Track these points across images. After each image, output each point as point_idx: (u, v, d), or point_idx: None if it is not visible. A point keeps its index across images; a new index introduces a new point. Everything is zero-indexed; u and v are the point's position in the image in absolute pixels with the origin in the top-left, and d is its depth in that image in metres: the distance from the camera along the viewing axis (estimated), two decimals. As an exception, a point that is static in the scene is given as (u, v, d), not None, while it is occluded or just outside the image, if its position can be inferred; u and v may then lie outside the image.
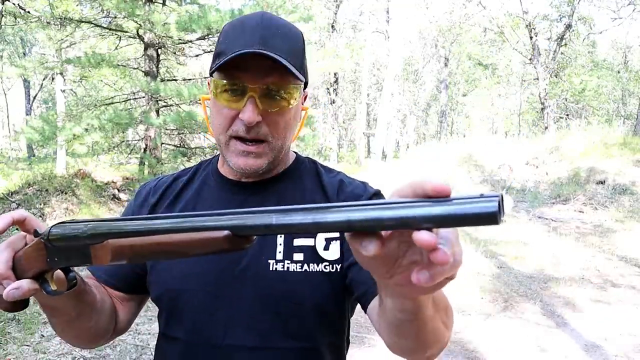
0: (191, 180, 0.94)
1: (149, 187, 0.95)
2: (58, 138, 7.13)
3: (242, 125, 0.79)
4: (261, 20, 0.79)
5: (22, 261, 0.67)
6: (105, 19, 8.94)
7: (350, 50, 20.96)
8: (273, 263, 0.81)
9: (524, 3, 18.32)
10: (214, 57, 0.83)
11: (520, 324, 4.22)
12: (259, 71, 0.78)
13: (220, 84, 0.80)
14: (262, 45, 0.76)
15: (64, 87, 12.42)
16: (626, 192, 9.22)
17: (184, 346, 0.84)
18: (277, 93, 0.79)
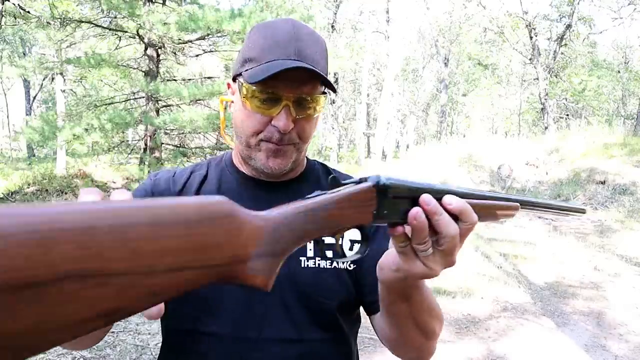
0: (206, 175, 0.95)
1: (167, 176, 0.95)
2: (58, 138, 7.13)
3: (276, 132, 0.82)
4: (292, 29, 0.82)
5: (341, 207, 0.54)
6: (105, 19, 8.94)
7: (350, 50, 20.93)
8: (304, 260, 0.87)
9: (524, 3, 18.33)
10: (243, 62, 0.84)
11: (520, 324, 4.22)
12: (294, 81, 0.80)
13: (252, 90, 0.82)
14: (298, 57, 0.80)
15: (64, 87, 12.42)
16: (626, 192, 9.22)
17: (219, 341, 0.84)
18: (308, 102, 0.83)
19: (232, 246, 0.41)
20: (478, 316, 4.39)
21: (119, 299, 0.34)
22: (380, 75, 24.70)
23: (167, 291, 0.37)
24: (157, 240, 0.35)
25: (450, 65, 25.51)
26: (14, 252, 0.28)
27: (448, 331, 4.05)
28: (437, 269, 0.60)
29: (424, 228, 0.56)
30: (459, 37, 22.90)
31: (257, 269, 0.44)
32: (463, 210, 0.58)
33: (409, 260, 0.60)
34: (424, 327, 0.77)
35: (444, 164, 12.15)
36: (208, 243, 0.39)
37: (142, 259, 0.34)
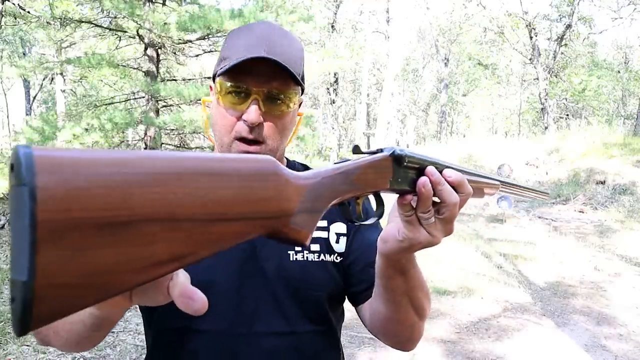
0: None
1: None
2: (58, 138, 7.12)
3: (245, 126, 0.83)
4: (266, 29, 0.85)
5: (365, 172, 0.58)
6: (105, 19, 8.94)
7: (350, 50, 20.93)
8: (293, 254, 0.89)
9: (524, 3, 18.33)
10: (219, 61, 0.87)
11: (520, 324, 4.22)
12: (263, 75, 0.82)
13: (225, 86, 0.84)
14: (268, 52, 0.81)
15: (64, 87, 12.42)
16: (626, 192, 9.22)
17: (210, 338, 0.85)
18: (279, 97, 0.84)
19: (280, 201, 0.45)
20: (478, 316, 4.39)
21: (189, 244, 0.37)
22: (380, 75, 24.70)
23: (228, 239, 0.40)
24: (218, 190, 0.39)
25: (450, 65, 25.51)
26: (98, 193, 0.30)
27: (448, 331, 4.05)
28: (439, 236, 0.66)
29: (429, 196, 0.62)
30: (459, 37, 22.91)
31: (300, 224, 0.48)
32: (461, 181, 0.64)
33: (414, 228, 0.65)
34: (417, 304, 0.80)
35: (444, 164, 12.15)
36: (260, 196, 0.43)
37: (206, 207, 0.37)
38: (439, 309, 4.54)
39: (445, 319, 4.33)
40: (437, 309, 4.55)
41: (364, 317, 0.92)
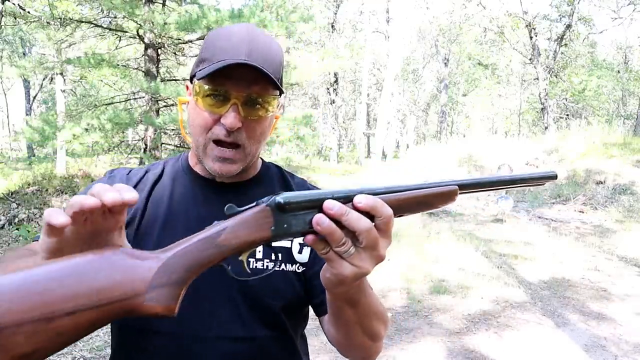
0: (161, 175, 0.97)
1: (122, 173, 0.97)
2: (58, 138, 7.12)
3: (223, 130, 0.84)
4: (247, 33, 0.84)
5: (234, 231, 0.60)
6: (105, 19, 8.94)
7: (350, 50, 20.94)
8: (253, 261, 0.89)
9: (524, 3, 18.33)
10: (198, 62, 0.87)
11: (520, 324, 4.22)
12: (243, 80, 0.82)
13: (203, 89, 0.84)
14: (248, 57, 0.81)
15: (64, 87, 12.41)
16: (626, 192, 9.22)
17: (170, 339, 0.85)
18: (258, 102, 0.85)
19: (128, 283, 0.50)
20: (478, 316, 4.39)
21: (30, 344, 0.42)
22: (380, 75, 24.69)
23: (72, 332, 0.46)
24: (53, 291, 0.45)
25: (450, 65, 25.51)
26: None
27: (447, 331, 4.06)
28: (366, 266, 0.63)
29: (332, 231, 0.60)
30: (459, 37, 22.90)
31: (158, 299, 0.52)
32: (372, 206, 0.62)
33: (336, 263, 0.62)
34: (370, 331, 0.80)
35: (444, 164, 12.15)
36: (106, 284, 0.48)
37: (41, 309, 0.44)
38: (438, 309, 4.54)
39: (445, 319, 4.33)
40: (436, 308, 4.55)
41: (323, 328, 0.92)
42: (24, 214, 6.96)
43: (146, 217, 0.90)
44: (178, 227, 0.89)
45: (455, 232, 7.65)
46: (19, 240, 6.01)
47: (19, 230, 6.13)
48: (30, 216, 6.97)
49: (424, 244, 6.75)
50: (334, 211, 0.60)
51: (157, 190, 0.94)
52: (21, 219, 6.84)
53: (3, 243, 6.07)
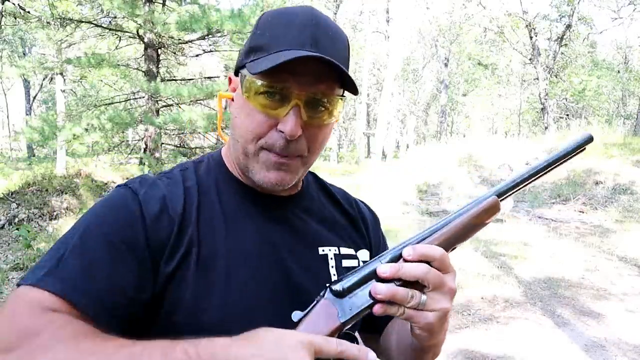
0: (200, 186, 0.76)
1: (157, 194, 0.72)
2: (58, 138, 7.13)
3: (281, 139, 0.69)
4: (312, 17, 0.70)
5: (309, 326, 0.62)
6: (105, 19, 8.95)
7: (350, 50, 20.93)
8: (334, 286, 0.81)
9: (524, 3, 18.33)
10: (249, 51, 0.72)
11: (520, 324, 4.22)
12: (307, 76, 0.68)
13: (257, 84, 0.68)
14: (314, 47, 0.67)
15: (64, 87, 12.42)
16: (626, 192, 9.22)
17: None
18: (323, 103, 0.70)
19: None
20: (477, 316, 4.39)
21: None
22: (380, 75, 24.69)
23: None
24: None
25: (450, 65, 25.51)
26: None
27: (447, 331, 4.06)
28: (444, 305, 0.63)
29: (394, 293, 0.61)
30: (459, 37, 22.90)
31: None
32: (422, 254, 0.63)
33: (418, 317, 0.63)
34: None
35: (444, 164, 12.15)
36: None
37: None
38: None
39: (445, 319, 4.33)
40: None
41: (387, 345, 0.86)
42: (24, 214, 6.96)
43: (204, 246, 0.70)
44: (245, 254, 0.72)
45: (455, 232, 7.65)
46: (19, 240, 6.01)
47: (19, 230, 6.14)
48: (30, 216, 6.97)
49: (423, 244, 6.75)
50: (388, 274, 0.61)
51: (204, 209, 0.73)
52: (21, 219, 6.85)
53: (3, 243, 6.07)
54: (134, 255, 0.66)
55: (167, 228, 0.69)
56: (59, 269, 0.62)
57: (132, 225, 0.67)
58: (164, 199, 0.71)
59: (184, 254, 0.68)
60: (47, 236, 6.16)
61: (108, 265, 0.64)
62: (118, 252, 0.65)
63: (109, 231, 0.66)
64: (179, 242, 0.69)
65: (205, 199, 0.75)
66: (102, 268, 0.63)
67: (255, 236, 0.74)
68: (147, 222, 0.68)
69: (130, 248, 0.66)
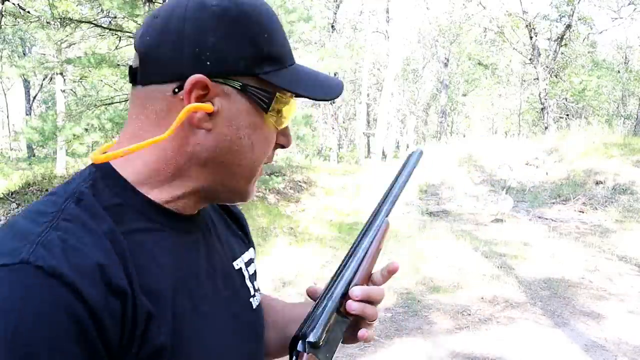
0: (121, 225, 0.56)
1: (91, 266, 0.49)
2: (58, 138, 7.13)
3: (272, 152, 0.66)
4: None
5: None
6: (105, 19, 8.95)
7: (350, 50, 20.94)
8: (253, 301, 0.74)
9: (524, 3, 18.34)
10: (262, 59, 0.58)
11: (520, 324, 4.22)
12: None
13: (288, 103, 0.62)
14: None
15: (64, 87, 12.42)
16: (626, 192, 9.23)
17: None
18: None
19: None
20: (477, 316, 4.39)
21: None
22: (380, 75, 24.69)
23: None
24: None
25: (450, 66, 25.51)
26: None
27: (447, 331, 4.06)
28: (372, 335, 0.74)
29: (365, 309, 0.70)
30: (459, 37, 22.91)
31: None
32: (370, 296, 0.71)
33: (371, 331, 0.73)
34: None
35: (444, 164, 12.15)
36: None
37: None
38: (438, 309, 4.54)
39: (445, 319, 4.33)
40: (436, 308, 4.55)
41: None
42: (24, 214, 6.95)
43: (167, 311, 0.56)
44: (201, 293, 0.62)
45: (455, 232, 7.65)
46: (19, 240, 6.01)
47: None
48: (30, 216, 6.96)
49: (423, 244, 6.76)
50: (356, 311, 0.69)
51: (140, 260, 0.55)
52: (21, 219, 6.84)
53: (3, 243, 6.07)
54: None
55: (119, 312, 0.50)
56: None
57: (79, 334, 0.47)
58: (101, 270, 0.49)
59: (144, 332, 0.52)
60: (47, 236, 6.16)
61: None
62: None
63: (52, 355, 0.45)
64: (136, 322, 0.52)
65: (134, 244, 0.55)
66: None
67: (196, 271, 0.63)
68: (97, 320, 0.48)
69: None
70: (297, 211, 9.44)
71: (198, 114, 0.57)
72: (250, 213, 8.42)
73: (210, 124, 0.58)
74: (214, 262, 0.67)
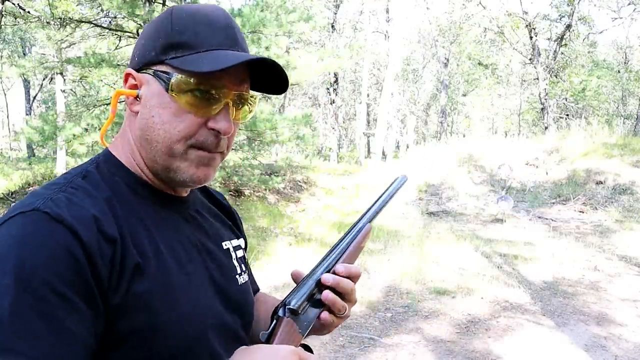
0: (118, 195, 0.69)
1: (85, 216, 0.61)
2: (58, 138, 7.13)
3: (212, 136, 0.70)
4: (228, 18, 0.73)
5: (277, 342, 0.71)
6: (105, 19, 8.95)
7: (350, 50, 20.92)
8: (238, 277, 0.83)
9: (524, 3, 18.33)
10: (170, 47, 0.69)
11: (520, 324, 4.22)
12: (237, 76, 0.70)
13: (189, 83, 0.67)
14: (237, 47, 0.71)
15: (64, 87, 12.42)
16: (626, 192, 9.23)
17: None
18: (246, 102, 0.74)
19: None
20: (478, 316, 4.39)
21: None
22: (380, 75, 24.69)
23: None
24: None
25: (450, 66, 25.51)
26: None
27: (448, 331, 4.05)
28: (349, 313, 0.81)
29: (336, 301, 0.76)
30: (459, 37, 22.91)
31: None
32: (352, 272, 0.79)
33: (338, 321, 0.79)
34: None
35: (444, 164, 12.15)
36: None
37: None
38: (438, 309, 4.54)
39: (445, 319, 4.33)
40: (437, 309, 4.55)
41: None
42: (24, 214, 6.95)
43: (145, 263, 0.65)
44: (180, 261, 0.71)
45: (456, 232, 7.65)
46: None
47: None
48: (30, 216, 6.96)
49: (424, 244, 6.75)
50: (331, 282, 0.76)
51: (130, 222, 0.67)
52: (21, 219, 6.84)
53: (3, 243, 6.07)
54: (88, 302, 0.58)
55: (109, 256, 0.61)
56: (7, 340, 0.52)
57: (74, 265, 0.57)
58: (97, 221, 0.61)
59: (131, 280, 0.62)
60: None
61: (63, 322, 0.55)
62: (70, 304, 0.56)
63: (50, 279, 0.55)
64: (123, 268, 0.62)
65: (127, 210, 0.68)
66: (57, 326, 0.55)
67: (183, 240, 0.74)
68: (89, 257, 0.58)
69: (81, 294, 0.57)
70: (297, 211, 9.44)
71: (129, 100, 0.72)
72: (250, 213, 8.42)
73: (138, 108, 0.71)
74: (199, 236, 0.78)
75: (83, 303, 0.57)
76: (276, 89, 0.77)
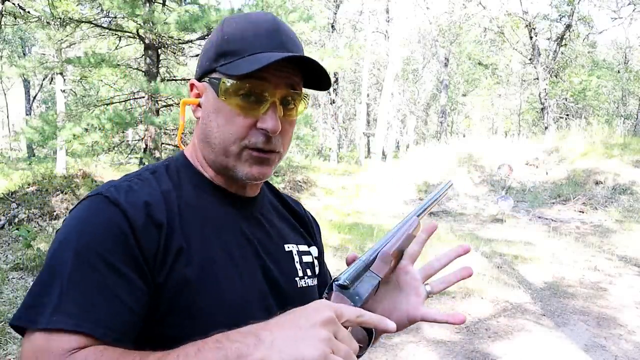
0: (178, 189, 0.77)
1: (138, 201, 0.70)
2: (58, 138, 7.12)
3: (262, 136, 0.74)
4: (275, 24, 0.76)
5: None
6: (105, 19, 8.95)
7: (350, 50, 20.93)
8: (298, 280, 0.85)
9: (524, 3, 18.33)
10: (221, 55, 0.75)
11: (520, 324, 4.22)
12: (282, 76, 0.74)
13: (235, 86, 0.72)
14: (285, 50, 0.74)
15: (64, 87, 12.41)
16: (626, 192, 9.23)
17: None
18: (294, 100, 0.76)
19: None
20: (478, 316, 4.39)
21: None
22: (380, 75, 24.70)
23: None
24: None
25: (450, 66, 25.50)
26: None
27: (448, 331, 4.05)
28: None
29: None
30: (459, 37, 22.90)
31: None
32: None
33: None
34: None
35: (444, 164, 12.15)
36: None
37: None
38: (438, 309, 4.54)
39: (445, 319, 4.33)
40: (436, 308, 4.55)
41: None
42: (24, 214, 6.95)
43: (193, 250, 0.71)
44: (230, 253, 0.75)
45: (456, 232, 7.65)
46: (19, 240, 6.01)
47: (19, 230, 6.13)
48: (30, 216, 6.96)
49: (424, 244, 6.75)
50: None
51: (185, 212, 0.74)
52: (21, 219, 6.84)
53: (3, 243, 6.07)
54: (134, 273, 0.65)
55: (155, 237, 0.68)
56: (64, 304, 0.60)
57: (124, 241, 0.65)
58: (148, 206, 0.69)
59: (174, 262, 0.69)
60: (47, 236, 6.16)
61: (112, 289, 0.63)
62: (119, 274, 0.64)
63: (103, 252, 0.64)
64: (168, 250, 0.69)
65: (184, 202, 0.75)
66: (107, 293, 0.62)
67: (237, 235, 0.79)
68: (137, 235, 0.66)
69: (129, 266, 0.65)
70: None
71: (193, 107, 0.80)
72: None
73: (199, 114, 0.79)
74: (259, 235, 0.82)
75: (133, 275, 0.65)
76: (320, 84, 0.79)
